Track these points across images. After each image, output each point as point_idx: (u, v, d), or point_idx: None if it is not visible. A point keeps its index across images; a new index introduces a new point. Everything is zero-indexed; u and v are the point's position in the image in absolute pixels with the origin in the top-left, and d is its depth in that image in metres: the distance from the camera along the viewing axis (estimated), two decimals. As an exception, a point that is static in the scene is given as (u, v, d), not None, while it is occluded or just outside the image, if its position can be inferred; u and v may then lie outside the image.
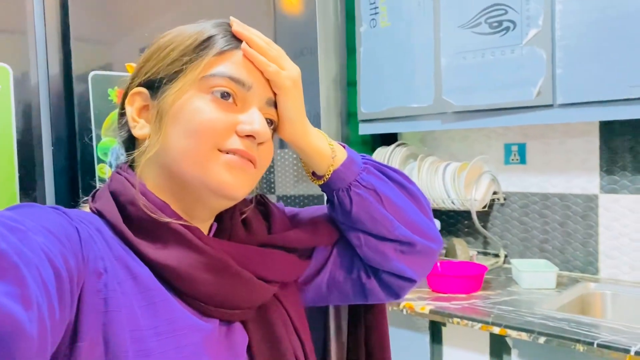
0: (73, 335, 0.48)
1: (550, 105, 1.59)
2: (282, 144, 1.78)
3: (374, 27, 1.99)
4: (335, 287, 0.74)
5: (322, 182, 0.68)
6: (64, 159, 0.67)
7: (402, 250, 0.69)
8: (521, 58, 1.62)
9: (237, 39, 0.61)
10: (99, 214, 0.57)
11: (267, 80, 0.61)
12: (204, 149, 0.57)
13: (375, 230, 0.68)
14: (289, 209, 0.75)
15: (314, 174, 0.69)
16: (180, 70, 0.58)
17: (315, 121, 2.37)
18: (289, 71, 0.62)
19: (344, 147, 0.70)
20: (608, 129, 1.76)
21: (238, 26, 0.61)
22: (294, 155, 2.19)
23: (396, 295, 0.74)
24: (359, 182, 0.67)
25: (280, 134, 0.64)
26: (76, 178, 0.67)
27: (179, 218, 0.58)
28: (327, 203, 0.72)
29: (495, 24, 1.67)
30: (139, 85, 0.61)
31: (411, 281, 0.72)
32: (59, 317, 0.44)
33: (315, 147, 0.66)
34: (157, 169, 0.59)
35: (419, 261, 0.71)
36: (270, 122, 0.63)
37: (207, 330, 0.57)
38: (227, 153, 0.58)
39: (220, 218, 0.66)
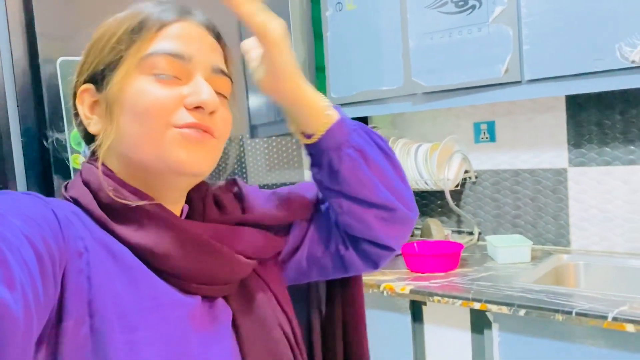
0: (58, 315, 0.48)
1: (519, 82, 1.60)
2: (252, 134, 1.76)
3: (340, 10, 1.97)
4: (314, 262, 0.73)
5: (314, 140, 0.65)
6: (35, 151, 0.64)
7: (383, 217, 0.69)
8: (488, 36, 1.63)
9: (172, 12, 0.59)
10: (75, 201, 0.57)
11: (212, 48, 0.60)
12: (156, 128, 0.56)
13: (361, 194, 0.67)
14: (264, 191, 0.74)
15: (303, 133, 0.66)
16: (120, 57, 0.57)
17: (285, 108, 2.32)
18: (276, 22, 0.59)
19: (334, 107, 0.68)
20: (574, 104, 1.80)
21: None
22: (265, 145, 2.17)
23: (374, 264, 0.74)
24: (349, 142, 0.65)
25: (274, 91, 0.62)
26: (49, 169, 0.64)
27: (150, 199, 0.57)
28: (311, 165, 0.69)
29: (461, 3, 1.68)
30: (85, 82, 0.60)
31: (390, 249, 0.73)
32: (43, 298, 0.43)
33: (311, 102, 0.64)
34: (118, 158, 0.59)
35: (398, 229, 0.71)
36: (220, 93, 0.61)
37: (190, 305, 0.56)
38: (180, 128, 0.56)
39: (190, 200, 0.66)
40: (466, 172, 2.01)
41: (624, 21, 1.41)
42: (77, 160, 0.63)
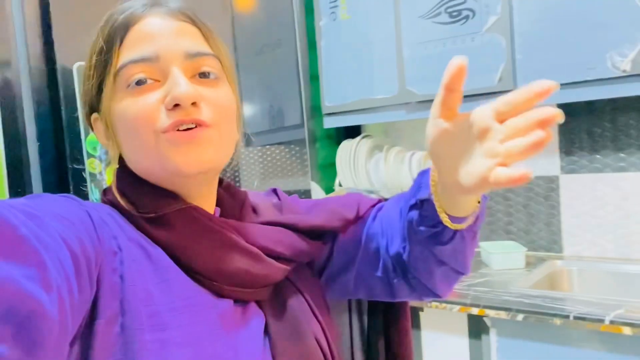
0: (92, 314, 0.48)
1: (512, 91, 1.63)
2: (247, 142, 1.76)
3: (334, 20, 1.99)
4: (362, 284, 0.72)
5: (464, 226, 0.58)
6: (51, 155, 0.64)
7: (449, 276, 0.67)
8: (482, 46, 1.66)
9: (135, 12, 0.57)
10: (111, 204, 0.58)
11: (182, 33, 0.57)
12: (147, 139, 0.55)
13: (450, 261, 0.63)
14: (306, 200, 0.73)
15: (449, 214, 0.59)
16: (101, 80, 0.57)
17: (279, 117, 2.35)
18: None
19: None
20: (565, 111, 1.82)
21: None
22: (259, 154, 2.17)
23: (419, 298, 0.72)
24: (476, 225, 0.60)
25: (449, 190, 0.54)
26: (65, 174, 0.64)
27: (181, 202, 0.58)
28: (419, 222, 0.62)
29: (455, 13, 1.71)
30: (90, 112, 0.61)
31: (437, 295, 0.71)
32: (78, 299, 0.44)
33: (472, 201, 0.57)
34: (136, 172, 0.59)
35: (452, 285, 0.70)
36: (206, 74, 0.58)
37: (222, 307, 0.56)
38: (166, 133, 0.55)
39: (224, 204, 0.65)
40: (459, 179, 2.02)
41: (615, 31, 1.44)
42: (92, 164, 0.63)
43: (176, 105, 0.54)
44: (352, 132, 2.21)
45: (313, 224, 0.67)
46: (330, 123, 2.06)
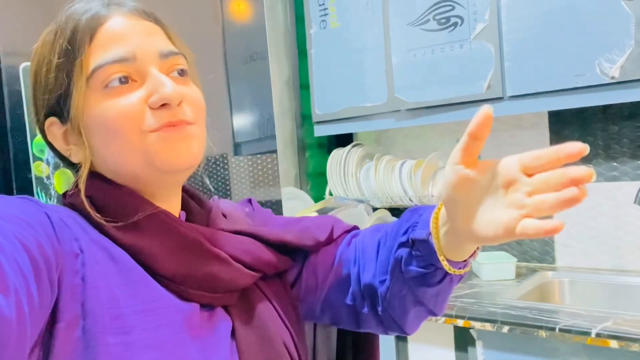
0: (52, 317, 0.47)
1: (501, 98, 1.61)
2: (236, 151, 1.75)
3: (324, 28, 1.98)
4: (329, 309, 0.71)
5: (464, 272, 0.59)
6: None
7: (420, 316, 0.67)
8: (470, 53, 1.64)
9: (98, 12, 0.56)
10: (71, 207, 0.57)
11: (151, 32, 0.57)
12: (132, 139, 0.54)
13: (425, 301, 0.63)
14: (280, 217, 0.73)
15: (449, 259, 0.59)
16: (69, 82, 0.55)
17: (269, 125, 2.33)
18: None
19: None
20: (557, 120, 1.80)
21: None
22: (249, 163, 2.16)
23: (384, 332, 0.71)
24: (462, 269, 0.60)
25: (468, 232, 0.52)
26: (9, 178, 0.62)
27: (150, 206, 0.57)
28: (407, 261, 0.61)
29: (444, 20, 1.69)
30: (46, 117, 0.58)
31: (404, 333, 0.70)
32: (38, 303, 0.43)
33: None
34: (107, 173, 0.58)
35: (419, 324, 0.70)
36: (181, 72, 0.59)
37: (187, 311, 0.55)
38: (156, 131, 0.55)
39: (191, 209, 0.65)
40: (451, 189, 2.00)
41: (603, 37, 1.42)
42: (39, 167, 0.61)
43: (163, 104, 0.54)
44: (344, 140, 2.19)
45: (283, 238, 0.67)
46: (320, 131, 2.04)
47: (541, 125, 1.83)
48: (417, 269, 0.60)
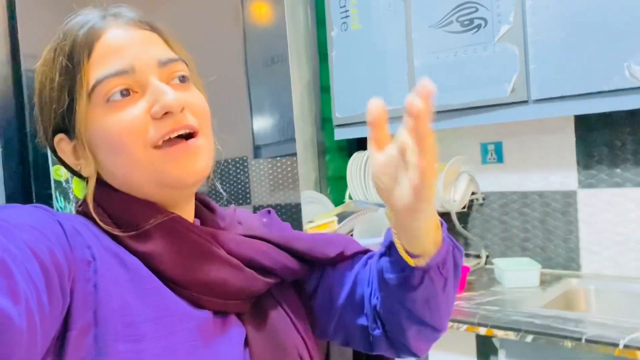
0: (64, 325, 0.47)
1: (525, 102, 1.58)
2: (256, 154, 1.74)
3: (345, 30, 1.97)
4: (342, 329, 0.70)
5: (420, 263, 0.58)
6: (15, 162, 0.62)
7: (424, 335, 0.65)
8: (494, 55, 1.61)
9: (95, 25, 0.55)
10: (85, 215, 0.57)
11: (149, 41, 0.57)
12: (136, 153, 0.54)
13: (419, 312, 0.62)
14: (299, 232, 0.73)
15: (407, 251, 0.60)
16: (72, 99, 0.55)
17: (289, 128, 2.33)
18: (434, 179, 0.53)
19: (440, 220, 0.61)
20: (583, 124, 1.76)
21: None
22: (269, 166, 2.16)
23: (397, 356, 0.70)
24: (440, 266, 0.59)
25: (410, 211, 0.53)
26: (29, 181, 0.62)
27: (163, 213, 0.57)
28: (385, 269, 0.62)
29: (467, 22, 1.66)
30: (54, 134, 0.59)
31: (412, 354, 0.69)
32: (49, 311, 0.43)
33: (433, 225, 0.58)
34: (116, 187, 0.58)
35: (428, 344, 0.68)
36: (182, 78, 0.58)
37: (200, 318, 0.54)
38: (161, 146, 0.54)
39: (205, 217, 0.65)
40: (473, 193, 1.97)
41: (632, 39, 1.38)
42: (58, 171, 0.61)
43: (166, 113, 0.54)
44: (364, 144, 2.18)
45: (292, 246, 0.66)
46: (341, 134, 2.03)
47: (567, 129, 1.79)
48: (395, 275, 0.60)
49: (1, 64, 0.63)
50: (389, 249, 0.61)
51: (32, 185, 0.64)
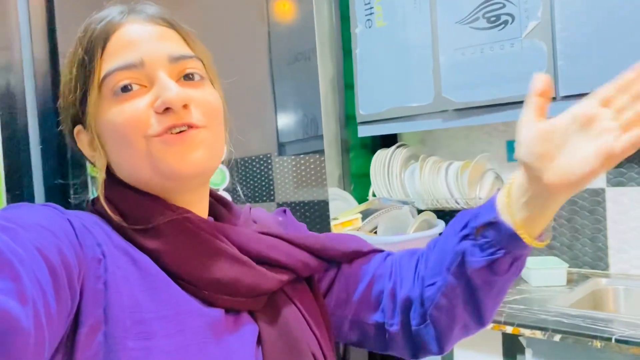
0: (75, 322, 0.47)
1: (553, 98, 1.55)
2: (280, 151, 1.75)
3: (369, 27, 1.96)
4: (358, 326, 0.70)
5: (546, 243, 0.60)
6: (54, 158, 0.63)
7: (466, 330, 0.66)
8: (521, 51, 1.60)
9: (113, 20, 0.56)
10: (98, 213, 0.57)
11: (163, 37, 0.57)
12: (137, 146, 0.54)
13: (482, 299, 0.63)
14: (314, 233, 0.73)
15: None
16: (85, 90, 0.56)
17: (313, 125, 2.34)
18: None
19: None
20: (612, 121, 1.73)
21: None
22: (293, 163, 2.17)
23: (413, 355, 0.70)
24: (525, 255, 0.61)
25: (565, 186, 0.54)
26: (66, 177, 0.63)
27: (174, 208, 0.57)
28: (472, 253, 0.61)
29: (493, 19, 1.65)
30: (74, 125, 0.60)
31: (438, 350, 0.68)
32: (56, 312, 0.43)
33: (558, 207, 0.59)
34: (126, 181, 0.58)
35: (461, 337, 0.68)
36: (191, 75, 0.58)
37: (212, 316, 0.54)
38: (159, 136, 0.54)
39: (220, 214, 0.65)
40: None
41: (664, 35, 1.35)
42: (100, 174, 0.62)
43: (167, 109, 0.54)
44: (388, 141, 2.17)
45: (311, 245, 0.66)
46: (364, 131, 2.03)
47: (595, 126, 1.76)
48: (483, 257, 0.60)
49: (41, 62, 0.65)
50: (486, 226, 0.60)
51: (70, 181, 0.65)
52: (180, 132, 0.55)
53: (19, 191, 0.63)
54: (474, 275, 0.61)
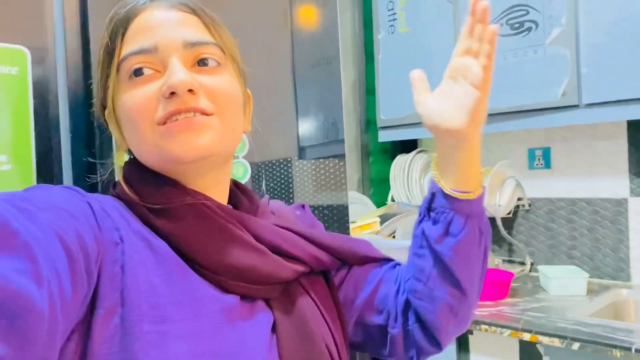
0: (91, 305, 0.47)
1: (576, 106, 1.55)
2: (300, 155, 1.76)
3: (392, 33, 1.97)
4: (361, 327, 0.71)
5: (470, 197, 0.65)
6: (83, 147, 0.65)
7: (453, 302, 0.67)
8: (545, 58, 1.59)
9: (135, 8, 0.57)
10: (118, 197, 0.58)
11: (182, 23, 0.57)
12: (146, 132, 0.55)
13: (455, 267, 0.66)
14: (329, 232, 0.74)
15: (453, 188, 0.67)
16: (107, 75, 0.57)
17: (334, 129, 2.35)
18: None
19: None
20: (636, 130, 1.71)
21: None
22: (313, 167, 2.18)
23: (415, 356, 0.71)
24: (481, 217, 0.66)
25: (463, 133, 0.64)
26: (94, 167, 0.65)
27: (192, 193, 0.57)
28: (422, 220, 0.68)
29: (517, 25, 1.65)
30: (103, 109, 0.61)
31: (435, 346, 0.69)
32: (72, 295, 0.42)
33: (478, 157, 0.66)
34: (144, 163, 0.58)
35: (455, 321, 0.69)
36: (205, 61, 0.57)
37: (227, 302, 0.55)
38: (165, 124, 0.54)
39: (240, 202, 0.65)
40: (519, 199, 1.94)
41: (691, 43, 1.34)
42: (121, 157, 0.64)
43: (172, 93, 0.54)
44: (408, 146, 2.17)
45: (327, 243, 0.66)
46: (385, 137, 2.03)
47: (619, 135, 1.74)
48: (437, 225, 0.65)
49: (73, 52, 0.67)
50: (431, 201, 0.66)
51: (97, 170, 0.67)
52: (185, 118, 0.54)
53: (49, 177, 0.65)
54: (438, 248, 0.65)
